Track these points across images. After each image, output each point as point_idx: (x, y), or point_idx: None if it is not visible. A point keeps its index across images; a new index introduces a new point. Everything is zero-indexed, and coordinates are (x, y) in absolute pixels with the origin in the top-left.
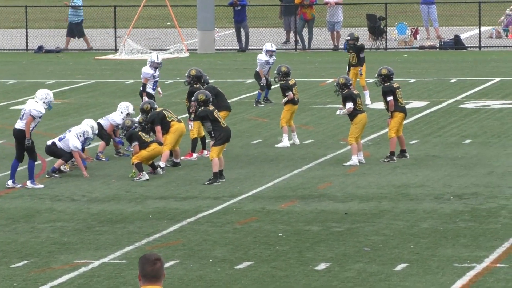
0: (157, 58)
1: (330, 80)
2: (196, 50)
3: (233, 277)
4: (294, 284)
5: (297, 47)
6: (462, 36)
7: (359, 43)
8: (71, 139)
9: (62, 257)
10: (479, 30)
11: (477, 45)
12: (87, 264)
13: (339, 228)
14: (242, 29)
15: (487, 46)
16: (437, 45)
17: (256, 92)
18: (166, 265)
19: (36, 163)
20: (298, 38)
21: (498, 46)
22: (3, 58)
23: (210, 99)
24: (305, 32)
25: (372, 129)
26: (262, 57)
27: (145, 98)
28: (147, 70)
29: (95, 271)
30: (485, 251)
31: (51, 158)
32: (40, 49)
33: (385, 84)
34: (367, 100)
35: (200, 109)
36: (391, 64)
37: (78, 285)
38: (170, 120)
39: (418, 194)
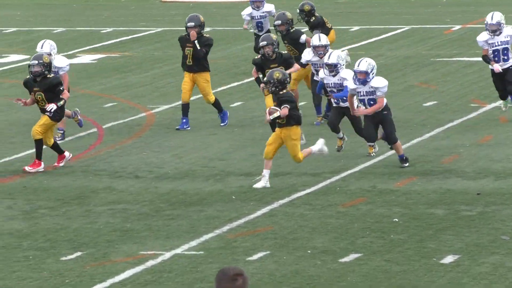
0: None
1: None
2: None
3: (337, 273)
4: (413, 281)
5: None
6: None
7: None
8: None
9: (124, 247)
10: None
11: None
12: (156, 256)
13: (470, 212)
14: None
15: None
16: None
17: None
18: (254, 257)
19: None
20: None
21: None
22: (47, 1)
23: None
24: None
25: None
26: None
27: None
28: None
29: (165, 265)
30: None
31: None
32: None
33: None
34: None
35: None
36: None
37: (144, 282)
38: None
39: None
